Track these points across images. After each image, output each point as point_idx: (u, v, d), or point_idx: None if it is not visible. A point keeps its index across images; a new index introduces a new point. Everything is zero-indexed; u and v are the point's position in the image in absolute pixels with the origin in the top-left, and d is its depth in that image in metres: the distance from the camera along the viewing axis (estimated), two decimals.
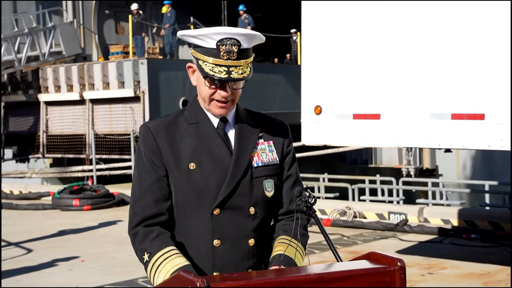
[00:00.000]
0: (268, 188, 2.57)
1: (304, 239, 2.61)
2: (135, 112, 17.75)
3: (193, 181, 2.50)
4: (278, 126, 2.68)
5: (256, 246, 2.54)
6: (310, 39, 7.76)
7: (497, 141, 6.49)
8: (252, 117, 2.65)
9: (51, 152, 19.48)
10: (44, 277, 8.08)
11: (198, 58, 2.49)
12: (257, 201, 2.54)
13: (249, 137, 2.58)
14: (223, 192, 2.49)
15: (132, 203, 2.56)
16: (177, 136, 2.55)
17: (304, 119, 7.76)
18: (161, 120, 2.61)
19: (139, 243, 2.49)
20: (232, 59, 2.45)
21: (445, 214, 10.93)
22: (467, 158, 18.32)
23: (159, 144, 2.53)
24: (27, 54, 19.12)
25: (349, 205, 11.60)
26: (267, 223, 2.62)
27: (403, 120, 7.08)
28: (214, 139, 2.54)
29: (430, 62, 6.93)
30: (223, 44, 2.44)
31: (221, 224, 2.50)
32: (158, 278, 2.40)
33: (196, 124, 2.56)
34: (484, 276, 7.68)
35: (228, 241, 2.51)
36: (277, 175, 2.61)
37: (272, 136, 2.64)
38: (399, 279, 2.24)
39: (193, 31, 2.49)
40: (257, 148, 2.58)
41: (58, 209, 13.88)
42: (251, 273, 2.40)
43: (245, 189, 2.52)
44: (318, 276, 2.18)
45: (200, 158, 2.52)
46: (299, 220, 2.55)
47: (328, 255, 8.46)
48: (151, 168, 2.53)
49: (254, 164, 2.55)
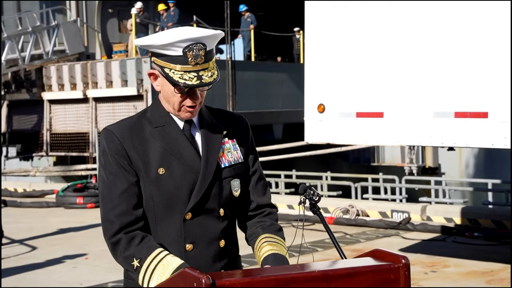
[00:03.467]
0: (235, 187, 2.56)
1: (282, 233, 2.63)
2: (138, 110, 17.67)
3: (163, 186, 2.46)
4: (239, 123, 2.66)
5: (225, 247, 2.54)
6: (313, 37, 7.77)
7: (501, 139, 6.50)
8: (214, 115, 2.61)
9: (54, 150, 19.49)
10: (48, 274, 8.11)
11: (163, 66, 2.44)
12: (226, 202, 2.53)
13: (215, 138, 2.55)
14: (195, 196, 2.46)
15: (105, 211, 2.47)
16: (143, 140, 2.49)
17: (307, 117, 7.77)
18: (124, 123, 2.53)
19: (124, 251, 2.43)
20: (200, 63, 2.40)
21: (448, 213, 10.93)
22: (469, 157, 18.29)
23: (126, 149, 2.46)
24: (30, 53, 19.13)
25: (352, 203, 11.61)
26: (234, 222, 2.63)
27: (406, 119, 7.09)
28: (182, 142, 2.49)
29: (433, 60, 6.94)
30: (190, 50, 2.38)
31: (192, 228, 2.48)
32: (156, 281, 2.35)
33: (162, 127, 2.50)
34: (487, 274, 7.69)
35: (200, 245, 2.50)
36: (243, 173, 2.60)
37: (235, 134, 2.62)
38: (403, 276, 2.25)
39: (155, 41, 2.41)
40: (222, 148, 2.56)
41: (62, 207, 13.92)
42: (256, 269, 2.40)
43: (215, 191, 2.50)
44: (323, 273, 2.18)
45: (169, 162, 2.47)
46: (303, 218, 2.54)
47: (331, 253, 8.48)
48: (121, 173, 2.46)
49: (222, 165, 2.54)
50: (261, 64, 21.88)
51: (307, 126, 7.78)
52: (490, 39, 6.60)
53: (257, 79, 19.13)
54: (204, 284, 2.02)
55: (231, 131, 2.61)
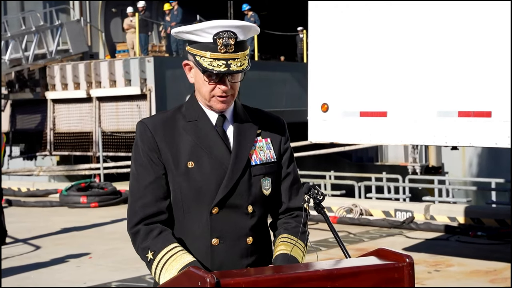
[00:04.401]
0: (265, 186, 2.56)
1: (304, 236, 2.61)
2: (142, 109, 17.78)
3: (192, 180, 2.48)
4: (275, 123, 2.67)
5: (254, 245, 2.54)
6: (316, 37, 7.77)
7: (504, 139, 6.50)
8: (250, 114, 2.63)
9: (58, 150, 19.54)
10: (52, 273, 8.12)
11: (195, 54, 2.48)
12: (255, 200, 2.53)
13: (247, 135, 2.56)
14: (222, 191, 2.48)
15: (131, 201, 2.54)
16: (175, 133, 2.53)
17: (311, 116, 7.77)
18: (159, 116, 2.59)
19: (141, 242, 2.48)
20: (230, 52, 2.43)
21: (452, 212, 10.92)
22: (473, 156, 18.28)
23: (157, 141, 2.51)
24: (34, 52, 19.17)
25: (355, 203, 11.61)
26: (264, 221, 2.62)
27: (410, 118, 7.09)
28: (213, 137, 2.52)
29: (437, 59, 6.94)
30: (220, 38, 2.42)
31: (219, 223, 2.49)
32: (165, 277, 2.38)
33: (195, 121, 2.54)
34: (490, 273, 7.69)
35: (227, 240, 2.50)
36: (275, 173, 2.60)
37: (269, 133, 2.63)
38: (407, 275, 2.25)
39: (188, 27, 2.47)
40: (255, 146, 2.57)
41: (66, 206, 13.93)
42: (260, 269, 2.41)
43: (243, 188, 2.50)
44: (327, 272, 2.19)
45: (199, 156, 2.49)
46: (306, 216, 2.56)
47: (335, 252, 8.48)
48: (149, 166, 2.51)
49: (252, 162, 2.54)
50: (265, 63, 21.89)
51: (310, 125, 7.78)
52: (493, 39, 6.59)
53: (260, 79, 19.13)
54: (208, 283, 2.03)
55: (266, 130, 2.62)
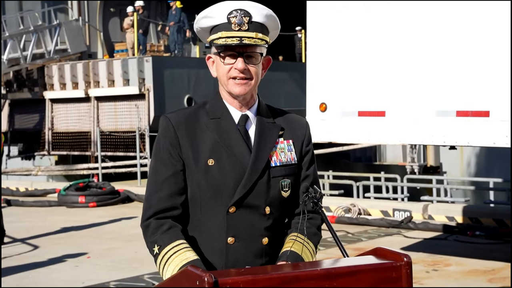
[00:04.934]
0: (285, 188, 2.55)
1: (316, 239, 2.60)
2: (140, 109, 17.78)
3: (211, 177, 2.48)
4: (298, 124, 2.67)
5: (269, 245, 2.54)
6: (315, 36, 7.77)
7: (502, 138, 6.50)
8: (273, 114, 2.63)
9: (56, 150, 19.53)
10: (50, 273, 8.12)
11: (212, 40, 2.50)
12: (273, 201, 2.53)
13: (269, 136, 2.56)
14: (240, 191, 2.48)
15: (147, 195, 2.55)
16: (198, 130, 2.53)
17: (309, 116, 7.77)
18: (182, 112, 2.59)
19: (150, 235, 2.49)
20: (243, 29, 2.45)
21: (450, 211, 10.93)
22: (471, 155, 18.28)
23: (179, 137, 2.52)
24: (32, 52, 19.17)
25: (353, 202, 11.62)
26: (282, 222, 2.61)
27: (408, 117, 7.09)
28: (234, 135, 2.52)
29: (435, 59, 6.94)
30: (233, 16, 2.45)
31: (236, 222, 2.49)
32: (167, 272, 2.40)
33: (217, 119, 2.54)
34: (488, 273, 7.70)
35: (242, 239, 2.50)
36: (294, 175, 2.59)
37: (292, 135, 2.62)
38: (405, 274, 2.25)
39: (203, 12, 2.52)
40: (276, 147, 2.56)
41: (64, 206, 13.92)
42: (258, 268, 2.41)
43: (262, 188, 2.50)
44: (325, 271, 2.19)
45: (219, 154, 2.50)
46: (305, 215, 2.55)
47: (334, 251, 8.48)
48: (168, 161, 2.52)
49: (272, 164, 2.53)
50: None
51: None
52: (491, 38, 6.60)
53: None
54: (206, 283, 2.03)
55: (288, 132, 2.61)
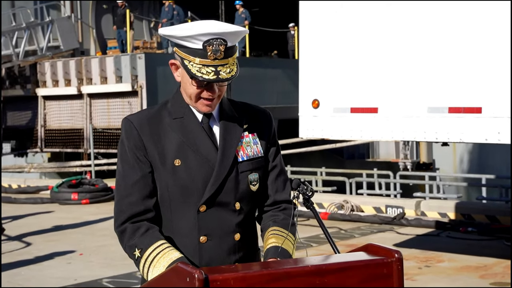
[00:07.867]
0: (253, 182, 2.54)
1: (294, 229, 2.60)
2: (133, 106, 17.74)
3: (179, 178, 2.46)
4: (261, 116, 2.64)
5: (241, 241, 2.54)
6: (308, 33, 7.78)
7: (494, 134, 6.52)
8: (236, 108, 2.59)
9: (49, 147, 19.48)
10: (43, 270, 8.11)
11: (183, 58, 2.43)
12: (242, 196, 2.52)
13: (234, 131, 2.54)
14: (209, 189, 2.46)
15: (118, 200, 2.52)
16: (161, 131, 2.50)
17: (302, 113, 7.77)
18: (144, 113, 2.56)
19: (128, 240, 2.47)
20: (219, 58, 2.39)
21: (442, 208, 10.96)
22: (464, 152, 18.31)
23: (143, 139, 2.48)
24: (25, 49, 19.10)
25: (346, 199, 11.63)
26: (252, 216, 2.61)
27: (401, 114, 7.11)
28: (199, 134, 2.49)
29: (427, 55, 6.95)
30: (210, 45, 2.37)
31: (207, 221, 2.48)
32: (153, 273, 2.37)
33: (181, 118, 2.51)
34: (480, 269, 7.72)
35: (215, 237, 2.50)
36: (262, 168, 2.58)
37: (256, 127, 2.60)
38: (396, 270, 2.25)
39: (178, 32, 2.41)
40: (242, 141, 2.54)
41: (57, 203, 13.90)
42: (249, 264, 2.41)
43: (231, 185, 2.49)
44: (316, 267, 2.19)
45: (185, 154, 2.47)
46: (296, 210, 2.56)
47: (326, 248, 8.49)
48: (136, 164, 2.48)
49: (239, 159, 2.52)
50: (256, 60, 21.87)
51: (301, 121, 7.79)
52: (484, 35, 6.61)
53: (251, 75, 19.11)
54: (197, 279, 2.02)
55: (252, 125, 2.59)
